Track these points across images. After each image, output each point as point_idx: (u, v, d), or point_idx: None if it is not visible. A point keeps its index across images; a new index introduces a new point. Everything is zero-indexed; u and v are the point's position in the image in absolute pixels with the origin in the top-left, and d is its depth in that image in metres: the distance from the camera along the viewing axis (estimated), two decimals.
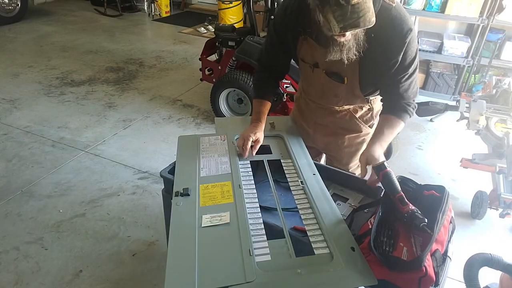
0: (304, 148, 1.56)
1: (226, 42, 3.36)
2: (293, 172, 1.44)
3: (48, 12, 6.40)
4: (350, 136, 1.66)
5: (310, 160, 1.49)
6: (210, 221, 1.16)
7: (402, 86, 1.37)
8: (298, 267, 1.04)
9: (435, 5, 3.83)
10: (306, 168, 1.44)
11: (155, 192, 2.57)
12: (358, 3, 1.04)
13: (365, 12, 1.07)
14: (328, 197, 1.30)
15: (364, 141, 1.68)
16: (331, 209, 1.25)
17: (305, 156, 1.51)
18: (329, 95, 1.52)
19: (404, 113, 1.41)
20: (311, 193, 1.31)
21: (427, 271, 0.98)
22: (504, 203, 2.34)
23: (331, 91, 1.50)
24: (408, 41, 1.27)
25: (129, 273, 2.02)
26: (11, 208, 2.39)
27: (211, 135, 1.60)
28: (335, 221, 1.20)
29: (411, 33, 1.26)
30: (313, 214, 1.24)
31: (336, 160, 1.77)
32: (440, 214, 1.12)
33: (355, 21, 1.07)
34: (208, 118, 3.53)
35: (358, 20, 1.07)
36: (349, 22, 1.07)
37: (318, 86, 1.52)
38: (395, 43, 1.27)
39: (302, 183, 1.36)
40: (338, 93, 1.49)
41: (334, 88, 1.47)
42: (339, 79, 1.42)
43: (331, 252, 1.09)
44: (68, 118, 3.41)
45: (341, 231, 1.16)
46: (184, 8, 7.05)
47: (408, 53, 1.29)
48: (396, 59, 1.29)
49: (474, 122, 2.57)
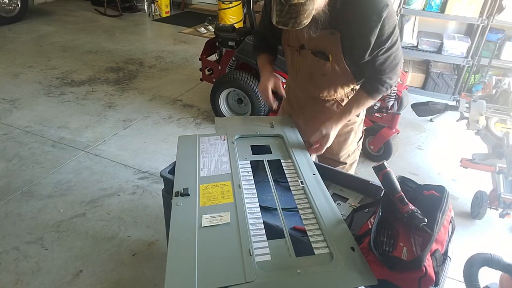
0: (304, 148, 1.56)
1: (226, 42, 3.36)
2: (293, 172, 1.44)
3: (48, 12, 6.40)
4: None
5: (310, 160, 1.49)
6: (210, 221, 1.16)
7: (378, 60, 1.42)
8: (298, 267, 1.04)
9: (435, 5, 3.83)
10: (306, 168, 1.44)
11: (155, 192, 2.57)
12: (295, 4, 1.15)
13: (298, 15, 1.17)
14: (328, 197, 1.30)
15: (352, 129, 1.73)
16: (331, 209, 1.25)
17: (305, 156, 1.51)
18: (317, 75, 1.57)
19: (374, 91, 1.51)
20: (311, 193, 1.31)
21: (427, 271, 0.98)
22: (504, 203, 2.34)
23: (318, 71, 1.55)
24: (385, 16, 1.30)
25: (129, 273, 2.02)
26: (11, 208, 2.39)
27: (211, 135, 1.60)
28: (335, 221, 1.20)
29: (387, 8, 1.31)
30: (313, 214, 1.24)
31: (327, 150, 1.79)
32: (440, 214, 1.12)
33: (286, 20, 1.19)
34: (208, 118, 3.53)
35: (289, 20, 1.19)
36: (281, 20, 1.20)
37: (306, 68, 1.57)
38: (371, 18, 1.31)
39: (302, 183, 1.36)
40: (325, 71, 1.53)
41: (320, 66, 1.52)
42: (325, 57, 1.48)
43: (331, 252, 1.09)
44: (68, 118, 3.41)
45: (341, 231, 1.16)
46: (184, 8, 7.05)
47: (385, 28, 1.33)
48: (373, 34, 1.34)
49: (474, 122, 2.57)
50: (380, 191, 1.41)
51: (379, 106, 2.92)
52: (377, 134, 2.92)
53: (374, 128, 2.98)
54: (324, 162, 1.73)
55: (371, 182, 1.46)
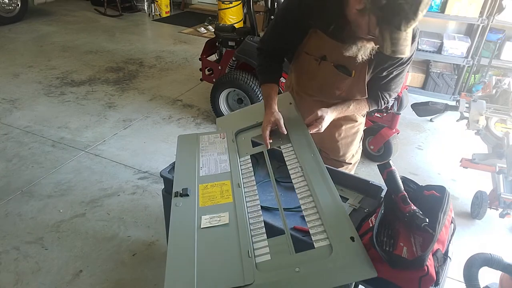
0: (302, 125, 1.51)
1: (226, 42, 3.36)
2: (293, 157, 1.41)
3: (48, 12, 6.39)
4: (347, 126, 1.72)
5: (309, 139, 1.45)
6: (209, 222, 1.16)
7: (390, 78, 1.48)
8: (297, 264, 1.03)
9: (435, 5, 3.83)
10: (306, 149, 1.40)
11: (155, 192, 2.57)
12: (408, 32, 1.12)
13: (409, 42, 1.14)
14: (328, 180, 1.27)
15: (358, 130, 1.76)
16: (331, 194, 1.22)
17: (303, 133, 1.47)
18: (331, 88, 1.54)
19: (374, 103, 1.58)
20: (310, 179, 1.28)
21: (429, 270, 0.98)
22: (504, 203, 2.34)
23: (334, 84, 1.52)
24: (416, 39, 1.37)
25: (129, 273, 2.02)
26: (11, 208, 2.39)
27: (210, 133, 1.59)
28: (335, 208, 1.18)
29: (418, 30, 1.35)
30: (313, 202, 1.21)
31: (333, 152, 1.80)
32: (441, 213, 1.12)
33: (403, 48, 1.14)
34: (208, 118, 3.53)
35: (406, 47, 1.14)
36: (399, 48, 1.14)
37: (322, 79, 1.53)
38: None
39: (301, 169, 1.34)
40: (342, 86, 1.51)
41: (339, 80, 1.50)
42: (347, 72, 1.46)
43: (330, 244, 1.08)
44: (68, 118, 3.41)
45: (340, 220, 1.14)
46: (184, 8, 7.05)
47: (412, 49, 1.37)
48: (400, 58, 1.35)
49: (474, 122, 2.57)
50: (380, 191, 1.41)
51: None
52: (377, 134, 2.92)
53: (374, 128, 2.98)
54: (329, 163, 1.69)
55: (371, 182, 1.46)
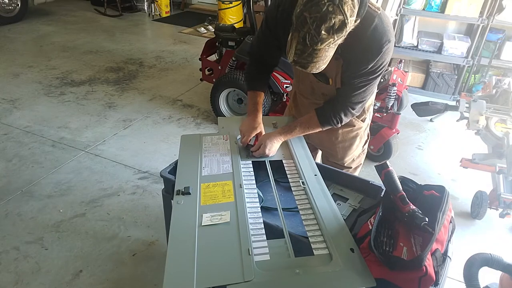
0: (306, 149, 1.56)
1: (226, 42, 3.36)
2: (295, 172, 1.44)
3: (48, 12, 6.39)
4: (344, 130, 1.69)
5: (312, 161, 1.50)
6: (210, 220, 1.16)
7: (355, 87, 1.39)
8: (296, 267, 1.04)
9: (435, 5, 3.83)
10: (308, 168, 1.44)
11: (155, 192, 2.57)
12: (319, 49, 1.09)
13: (319, 60, 1.13)
14: (329, 198, 1.30)
15: (358, 135, 1.72)
16: (331, 210, 1.25)
17: (307, 156, 1.51)
18: (318, 93, 1.58)
19: (326, 123, 1.50)
20: (312, 193, 1.31)
21: (427, 270, 0.98)
22: (504, 203, 2.34)
23: (319, 90, 1.55)
24: (384, 51, 1.29)
25: (129, 273, 2.02)
26: (11, 208, 2.39)
27: (214, 134, 1.61)
28: (336, 222, 1.20)
29: (388, 44, 1.29)
30: (313, 214, 1.24)
31: (331, 155, 1.80)
32: (440, 213, 1.12)
33: (306, 63, 1.13)
34: (208, 118, 3.53)
35: (309, 63, 1.13)
36: (301, 61, 1.13)
37: (308, 84, 1.57)
38: (372, 51, 1.29)
39: (303, 184, 1.36)
40: (326, 92, 1.54)
41: (321, 87, 1.52)
42: (325, 80, 1.47)
43: (330, 253, 1.09)
44: (68, 118, 3.41)
45: (341, 233, 1.16)
46: (184, 8, 7.05)
47: (379, 62, 1.32)
48: (368, 65, 1.32)
49: (474, 122, 2.57)
50: (380, 191, 1.41)
51: (379, 106, 2.92)
52: (377, 134, 2.92)
53: (374, 128, 2.98)
54: (329, 166, 1.71)
55: (371, 182, 1.46)
